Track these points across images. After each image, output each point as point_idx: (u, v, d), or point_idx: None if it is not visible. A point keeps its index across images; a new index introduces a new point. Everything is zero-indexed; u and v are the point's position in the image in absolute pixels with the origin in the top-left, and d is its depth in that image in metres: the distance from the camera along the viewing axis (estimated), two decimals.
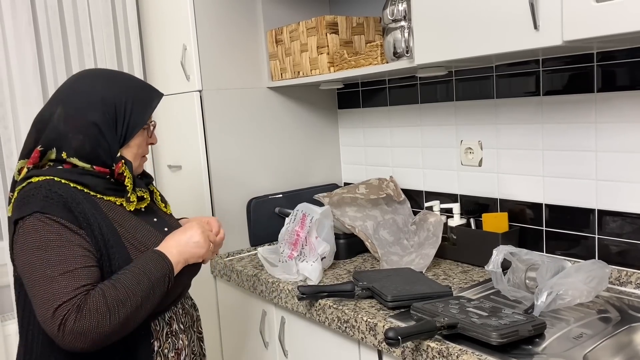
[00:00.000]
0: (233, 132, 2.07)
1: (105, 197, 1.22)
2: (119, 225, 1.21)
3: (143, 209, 1.32)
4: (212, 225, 1.38)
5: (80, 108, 1.20)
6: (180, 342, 1.33)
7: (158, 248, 1.22)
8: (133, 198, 1.25)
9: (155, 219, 1.34)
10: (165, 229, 1.33)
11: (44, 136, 1.20)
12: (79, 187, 1.18)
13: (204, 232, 1.28)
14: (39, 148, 1.20)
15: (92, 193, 1.20)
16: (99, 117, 1.20)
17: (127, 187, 1.24)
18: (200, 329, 1.47)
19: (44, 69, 2.08)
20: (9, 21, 1.99)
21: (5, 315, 2.10)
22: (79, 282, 1.09)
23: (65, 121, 1.19)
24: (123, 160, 1.23)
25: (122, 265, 1.17)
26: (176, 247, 1.23)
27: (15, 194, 1.18)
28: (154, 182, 1.47)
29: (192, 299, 1.47)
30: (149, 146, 1.35)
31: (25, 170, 1.21)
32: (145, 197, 1.30)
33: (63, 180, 1.17)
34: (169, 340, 1.30)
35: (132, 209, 1.26)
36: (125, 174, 1.24)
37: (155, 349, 1.26)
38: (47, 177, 1.16)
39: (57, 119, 1.20)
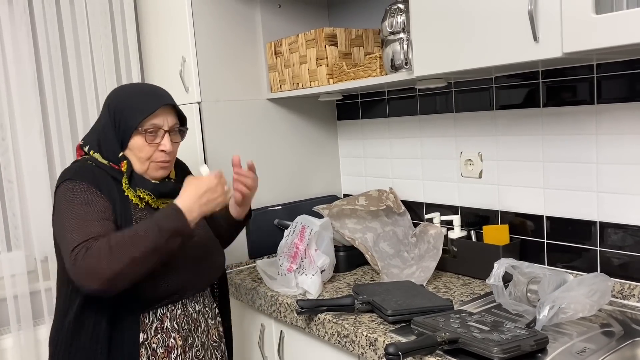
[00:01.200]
0: (232, 144, 2.06)
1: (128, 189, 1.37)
2: (135, 211, 1.35)
3: None
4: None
5: (100, 114, 1.43)
6: (172, 340, 1.37)
7: (175, 202, 1.29)
8: (131, 196, 1.36)
9: None
10: None
11: (85, 135, 1.44)
12: (109, 175, 1.36)
13: (214, 179, 1.34)
14: (80, 142, 1.43)
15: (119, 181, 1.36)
16: (106, 121, 1.38)
17: (123, 186, 1.36)
18: (215, 337, 1.50)
19: (42, 81, 2.07)
20: (7, 35, 1.99)
21: (2, 330, 2.08)
22: (93, 230, 1.23)
23: (94, 125, 1.44)
24: (125, 161, 1.36)
25: None
26: (193, 202, 1.30)
27: None
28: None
29: (206, 306, 1.49)
30: (162, 153, 1.38)
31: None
32: (142, 197, 1.37)
33: (97, 165, 1.36)
34: (158, 336, 1.35)
35: (138, 203, 1.37)
36: (124, 173, 1.36)
37: (141, 339, 1.33)
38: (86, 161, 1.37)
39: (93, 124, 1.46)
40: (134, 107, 1.36)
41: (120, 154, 1.36)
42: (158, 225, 1.23)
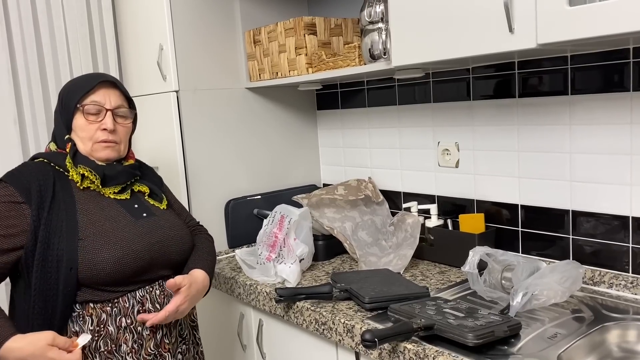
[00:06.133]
0: (210, 133, 2.05)
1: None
2: (80, 202, 1.34)
3: (129, 198, 1.42)
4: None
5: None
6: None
7: (13, 337, 1.20)
8: (72, 173, 1.36)
9: (136, 205, 1.42)
10: (144, 214, 1.41)
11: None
12: (56, 167, 1.37)
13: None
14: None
15: (66, 173, 1.37)
16: (56, 109, 1.44)
17: (67, 166, 1.37)
18: (193, 316, 1.51)
19: (16, 70, 2.03)
20: None
21: None
22: None
23: None
24: (70, 143, 1.38)
25: (64, 232, 1.28)
26: (23, 348, 1.20)
27: None
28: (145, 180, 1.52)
29: None
30: (104, 131, 1.38)
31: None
32: (87, 175, 1.36)
33: (45, 160, 1.38)
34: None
35: (81, 187, 1.37)
36: (68, 154, 1.38)
37: (124, 324, 1.33)
38: (38, 157, 1.40)
39: None
40: (75, 87, 1.41)
41: (66, 137, 1.39)
42: None
